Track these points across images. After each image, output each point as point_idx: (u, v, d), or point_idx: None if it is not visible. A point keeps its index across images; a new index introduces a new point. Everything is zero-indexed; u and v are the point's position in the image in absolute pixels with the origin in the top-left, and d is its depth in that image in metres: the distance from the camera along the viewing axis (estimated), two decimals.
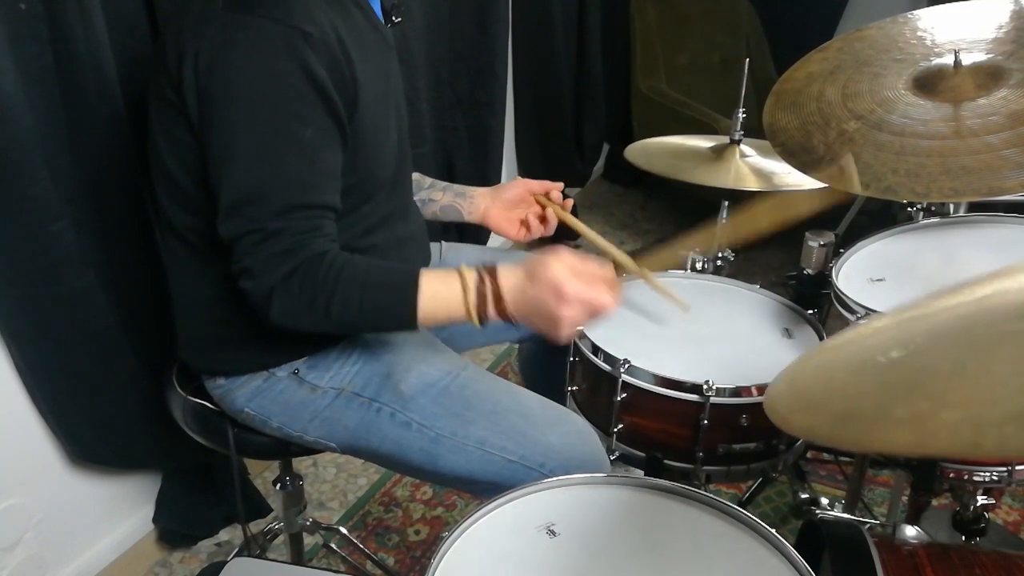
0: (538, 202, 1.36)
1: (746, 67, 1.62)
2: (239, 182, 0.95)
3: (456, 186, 1.40)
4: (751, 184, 1.56)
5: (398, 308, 0.98)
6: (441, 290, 0.98)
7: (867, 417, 0.55)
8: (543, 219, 1.36)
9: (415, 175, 1.40)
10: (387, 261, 1.08)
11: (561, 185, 1.37)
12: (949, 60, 1.16)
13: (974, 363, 0.53)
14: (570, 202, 1.36)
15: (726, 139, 1.67)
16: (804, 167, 1.20)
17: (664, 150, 1.73)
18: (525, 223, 1.37)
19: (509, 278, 0.98)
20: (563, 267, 0.95)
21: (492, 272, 0.99)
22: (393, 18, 1.15)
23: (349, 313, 0.97)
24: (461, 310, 0.98)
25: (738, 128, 1.64)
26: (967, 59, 1.15)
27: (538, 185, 1.36)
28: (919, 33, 1.25)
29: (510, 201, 1.36)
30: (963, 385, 0.51)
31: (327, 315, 0.97)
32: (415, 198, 1.36)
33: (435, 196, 1.38)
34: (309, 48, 0.93)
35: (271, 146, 0.95)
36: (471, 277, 0.98)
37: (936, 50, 1.21)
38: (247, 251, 0.96)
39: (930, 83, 1.17)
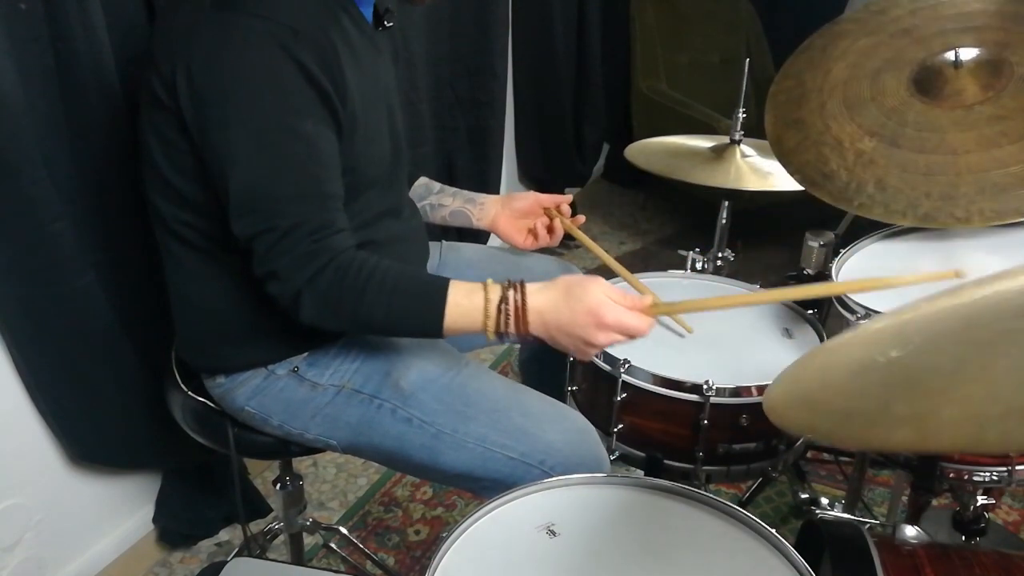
0: (547, 214, 1.38)
1: (746, 67, 1.62)
2: (246, 181, 0.96)
3: (466, 192, 1.42)
4: (751, 184, 1.56)
5: (427, 314, 1.00)
6: (465, 303, 0.99)
7: (868, 415, 0.55)
8: (550, 229, 1.38)
9: (424, 180, 1.42)
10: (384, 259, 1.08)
11: (571, 198, 1.39)
12: (949, 59, 1.16)
13: (975, 361, 0.53)
14: (581, 219, 1.38)
15: (726, 139, 1.67)
16: (833, 198, 1.14)
17: (664, 150, 1.73)
18: (533, 232, 1.39)
19: (539, 295, 1.00)
20: (603, 294, 0.98)
21: (519, 288, 1.00)
22: (385, 23, 1.15)
23: (377, 316, 0.99)
24: (479, 324, 1.00)
25: (738, 128, 1.64)
26: (965, 55, 1.14)
27: (549, 199, 1.38)
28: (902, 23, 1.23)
29: (520, 211, 1.38)
30: (964, 382, 0.51)
31: (354, 316, 0.99)
32: (424, 203, 1.38)
33: (444, 201, 1.40)
34: (299, 43, 0.94)
35: (273, 141, 0.96)
36: (495, 294, 0.99)
37: (925, 38, 1.18)
38: (268, 254, 0.97)
39: (932, 86, 1.16)
